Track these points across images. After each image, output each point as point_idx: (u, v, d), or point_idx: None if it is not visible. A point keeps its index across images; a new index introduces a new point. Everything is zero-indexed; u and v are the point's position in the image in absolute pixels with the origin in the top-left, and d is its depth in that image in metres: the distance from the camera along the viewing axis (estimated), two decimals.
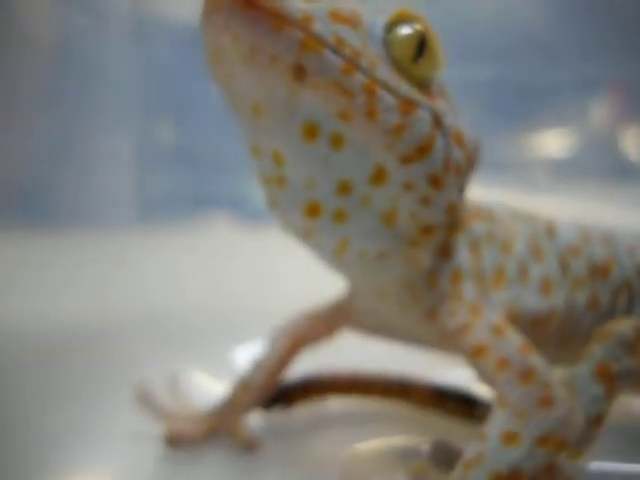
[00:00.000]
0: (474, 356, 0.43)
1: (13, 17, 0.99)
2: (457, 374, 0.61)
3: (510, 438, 0.40)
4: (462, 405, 0.57)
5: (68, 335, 0.77)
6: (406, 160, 0.38)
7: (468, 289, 0.46)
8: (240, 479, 0.50)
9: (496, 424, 0.41)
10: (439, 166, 0.39)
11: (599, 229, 0.56)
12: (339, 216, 0.39)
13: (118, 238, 1.13)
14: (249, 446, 0.54)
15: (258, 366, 0.58)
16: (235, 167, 1.26)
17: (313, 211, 0.38)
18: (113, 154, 1.19)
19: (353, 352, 0.61)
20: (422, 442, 0.51)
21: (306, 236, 0.41)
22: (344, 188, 0.38)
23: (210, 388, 0.65)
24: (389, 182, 0.38)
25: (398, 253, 0.42)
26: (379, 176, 0.38)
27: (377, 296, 0.48)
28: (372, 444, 0.53)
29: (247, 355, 0.69)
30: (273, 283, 0.90)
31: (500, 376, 0.42)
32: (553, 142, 1.16)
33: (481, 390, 0.57)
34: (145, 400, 0.58)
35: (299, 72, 0.34)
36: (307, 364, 0.60)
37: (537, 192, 1.11)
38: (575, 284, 0.51)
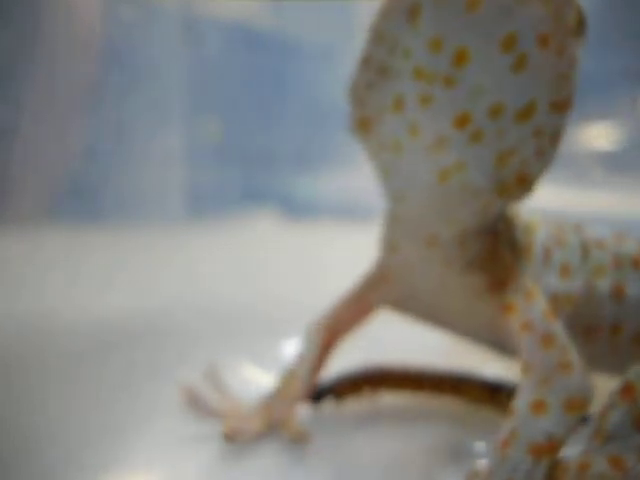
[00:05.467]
0: (503, 313, 0.46)
1: (62, 14, 1.01)
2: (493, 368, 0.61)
3: (538, 406, 0.41)
4: None
5: (114, 331, 0.78)
6: (554, 107, 0.40)
7: (506, 253, 0.49)
8: (291, 472, 0.50)
9: (523, 395, 0.42)
10: (562, 127, 0.42)
11: None
12: (477, 136, 0.40)
13: (166, 234, 1.15)
14: (300, 439, 0.54)
15: (302, 358, 0.59)
16: (282, 163, 1.27)
17: (462, 121, 0.39)
18: (162, 151, 1.21)
19: (399, 345, 0.61)
20: (476, 439, 0.51)
21: (437, 145, 0.41)
22: (497, 111, 0.39)
23: (258, 381, 0.66)
24: (530, 122, 0.40)
25: (487, 197, 0.44)
26: (527, 112, 0.39)
27: (426, 243, 0.49)
28: (424, 440, 0.53)
29: (293, 349, 0.69)
30: (320, 278, 0.90)
31: (524, 337, 0.44)
32: (603, 134, 1.13)
33: None
34: (193, 400, 0.59)
35: None
36: (354, 357, 0.61)
37: (587, 186, 1.09)
38: (596, 271, 0.52)
